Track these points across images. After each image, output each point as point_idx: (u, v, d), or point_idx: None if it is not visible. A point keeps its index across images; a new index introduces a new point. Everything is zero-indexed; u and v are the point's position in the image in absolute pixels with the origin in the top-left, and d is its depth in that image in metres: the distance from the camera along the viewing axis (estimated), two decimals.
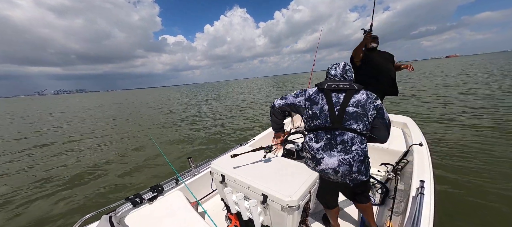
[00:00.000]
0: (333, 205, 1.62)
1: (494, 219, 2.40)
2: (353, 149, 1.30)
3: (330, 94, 1.38)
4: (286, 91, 23.74)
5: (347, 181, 1.35)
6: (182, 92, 37.91)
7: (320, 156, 1.35)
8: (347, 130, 1.31)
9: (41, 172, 5.00)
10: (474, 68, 22.71)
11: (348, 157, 1.30)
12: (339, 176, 1.33)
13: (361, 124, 1.32)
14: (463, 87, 10.89)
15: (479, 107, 6.81)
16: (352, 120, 1.31)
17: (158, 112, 14.53)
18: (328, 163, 1.33)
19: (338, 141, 1.32)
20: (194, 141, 6.62)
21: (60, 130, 10.24)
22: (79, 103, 29.46)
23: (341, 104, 1.35)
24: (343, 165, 1.30)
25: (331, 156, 1.33)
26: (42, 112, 20.78)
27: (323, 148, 1.36)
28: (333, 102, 1.37)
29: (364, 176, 1.35)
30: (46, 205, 3.56)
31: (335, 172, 1.32)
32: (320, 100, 1.41)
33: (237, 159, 1.67)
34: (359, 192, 1.55)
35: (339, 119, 1.33)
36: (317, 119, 1.39)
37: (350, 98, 1.35)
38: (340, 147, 1.32)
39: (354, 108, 1.33)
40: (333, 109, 1.35)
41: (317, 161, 1.37)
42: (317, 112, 1.39)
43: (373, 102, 1.36)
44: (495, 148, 3.94)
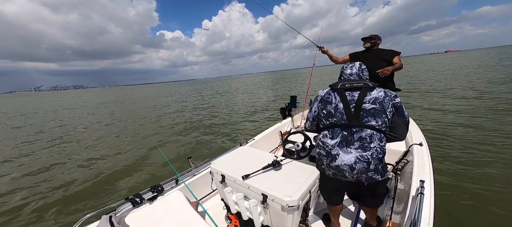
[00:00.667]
0: (338, 202, 1.60)
1: (494, 219, 2.41)
2: (371, 146, 1.25)
3: (344, 93, 1.37)
4: (286, 86, 23.72)
5: (363, 179, 1.29)
6: (181, 89, 37.92)
7: (335, 152, 1.31)
8: (365, 127, 1.28)
9: (41, 172, 5.00)
10: (475, 63, 22.76)
11: (366, 154, 1.25)
12: (355, 174, 1.27)
13: (379, 120, 1.28)
14: (463, 85, 10.89)
15: (479, 107, 6.81)
16: (370, 116, 1.28)
17: (157, 110, 14.54)
18: (344, 160, 1.28)
19: (356, 138, 1.28)
20: (194, 141, 6.62)
21: (60, 129, 10.25)
22: (76, 100, 29.45)
23: (357, 102, 1.32)
24: (360, 162, 1.25)
25: (347, 153, 1.28)
26: (40, 109, 20.79)
27: (338, 145, 1.31)
28: (348, 100, 1.35)
29: (380, 176, 1.29)
30: (46, 205, 3.56)
31: (351, 169, 1.27)
32: (333, 99, 1.40)
33: (237, 159, 1.67)
34: (374, 194, 1.47)
35: (356, 115, 1.30)
36: (332, 117, 1.36)
37: (365, 95, 1.32)
38: (357, 144, 1.27)
39: (371, 105, 1.29)
40: (348, 106, 1.33)
41: (332, 158, 1.32)
42: (332, 110, 1.37)
43: (391, 100, 1.33)
44: (495, 148, 3.94)
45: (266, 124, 7.71)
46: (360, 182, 1.31)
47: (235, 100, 16.66)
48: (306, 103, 4.03)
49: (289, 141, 2.45)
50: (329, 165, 1.34)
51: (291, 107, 3.82)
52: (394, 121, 1.34)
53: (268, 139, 3.25)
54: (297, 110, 3.92)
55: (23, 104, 32.53)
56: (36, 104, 30.50)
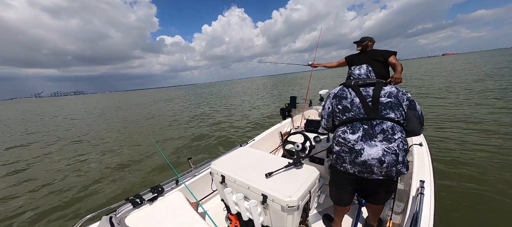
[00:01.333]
0: (348, 203, 1.59)
1: (494, 219, 2.40)
2: (396, 138, 1.23)
3: (358, 89, 1.39)
4: (286, 89, 23.79)
5: (393, 173, 1.23)
6: (179, 93, 38.04)
7: (359, 147, 1.25)
8: (385, 119, 1.27)
9: (41, 173, 5.00)
10: (472, 65, 22.77)
11: (393, 146, 1.21)
12: (385, 168, 1.21)
13: (398, 113, 1.28)
14: (462, 85, 10.89)
15: (480, 106, 6.81)
16: (388, 109, 1.29)
17: (158, 113, 14.54)
18: (370, 154, 1.22)
19: (378, 130, 1.25)
20: (194, 141, 6.62)
21: (60, 132, 10.25)
22: (77, 105, 29.48)
23: (373, 96, 1.33)
24: (388, 155, 1.20)
25: (372, 146, 1.23)
26: (45, 114, 20.81)
27: (361, 138, 1.27)
28: (363, 95, 1.35)
29: (406, 168, 1.25)
30: (47, 206, 3.56)
31: (380, 163, 1.20)
32: (348, 94, 1.40)
33: (237, 160, 1.67)
34: (389, 189, 1.45)
35: (374, 109, 1.29)
36: (348, 112, 1.35)
37: (380, 90, 1.35)
38: (381, 136, 1.24)
39: (387, 98, 1.32)
40: (365, 101, 1.33)
41: (357, 153, 1.26)
42: (348, 105, 1.36)
43: (404, 94, 1.36)
44: (495, 148, 3.94)
45: (266, 124, 7.71)
46: (390, 177, 1.26)
47: (235, 102, 16.67)
48: (306, 104, 4.03)
49: (289, 141, 2.45)
50: (354, 161, 1.27)
51: (291, 108, 3.82)
52: (408, 115, 1.34)
53: (268, 139, 3.25)
54: (297, 110, 3.92)
55: (27, 110, 32.67)
56: (41, 109, 30.53)
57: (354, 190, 1.53)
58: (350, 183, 1.46)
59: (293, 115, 3.84)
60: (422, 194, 1.39)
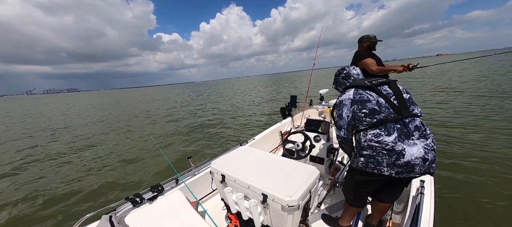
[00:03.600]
0: (363, 204, 1.59)
1: (494, 219, 2.41)
2: (429, 133, 1.22)
3: (377, 88, 1.34)
4: (285, 88, 23.77)
5: (432, 170, 1.21)
6: (177, 91, 38.02)
7: (400, 148, 1.18)
8: (414, 116, 1.25)
9: (41, 172, 5.00)
10: (469, 66, 22.77)
11: (430, 142, 1.19)
12: (427, 165, 1.18)
13: (418, 108, 1.30)
14: (462, 85, 10.88)
15: (480, 106, 6.80)
16: (412, 105, 1.29)
17: (157, 112, 14.54)
18: (413, 153, 1.17)
19: (412, 128, 1.23)
20: (194, 141, 6.62)
21: (59, 131, 10.25)
22: (71, 102, 29.55)
23: (395, 93, 1.31)
24: (430, 152, 1.17)
25: (411, 145, 1.18)
26: (33, 113, 20.81)
27: (398, 139, 1.21)
28: (385, 94, 1.32)
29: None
30: (46, 205, 3.56)
31: (424, 161, 1.16)
32: (370, 96, 1.33)
33: (237, 159, 1.67)
34: (403, 188, 1.45)
35: (403, 106, 1.27)
36: (379, 113, 1.27)
37: (397, 86, 1.35)
38: (417, 134, 1.21)
39: (407, 94, 1.33)
40: (391, 100, 1.29)
41: (398, 154, 1.18)
42: (376, 107, 1.29)
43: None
44: (495, 147, 3.94)
45: (266, 124, 7.70)
46: (430, 174, 1.24)
47: (235, 101, 16.67)
48: (306, 103, 4.03)
49: (289, 141, 2.45)
50: (395, 163, 1.20)
51: (291, 107, 3.82)
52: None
53: (268, 139, 3.25)
54: (297, 110, 3.92)
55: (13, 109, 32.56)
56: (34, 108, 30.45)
57: (371, 190, 1.52)
58: (375, 185, 1.44)
59: (293, 115, 3.83)
60: (422, 194, 1.39)
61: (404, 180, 1.31)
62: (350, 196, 1.60)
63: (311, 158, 2.42)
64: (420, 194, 1.38)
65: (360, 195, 1.54)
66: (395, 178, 1.24)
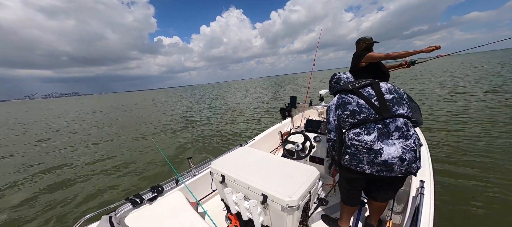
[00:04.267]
0: (358, 202, 1.61)
1: (495, 219, 2.41)
2: (411, 134, 1.22)
3: (359, 91, 1.39)
4: (285, 88, 23.81)
5: (413, 170, 1.21)
6: (178, 95, 37.99)
7: (378, 147, 1.23)
8: (397, 116, 1.26)
9: (41, 173, 5.00)
10: (467, 66, 22.81)
11: (410, 143, 1.21)
12: (406, 165, 1.20)
13: (405, 107, 1.29)
14: (461, 86, 10.90)
15: (480, 106, 6.81)
16: (397, 105, 1.29)
17: (157, 113, 14.53)
18: (390, 153, 1.20)
19: (392, 128, 1.24)
20: (194, 141, 6.62)
21: (58, 132, 10.25)
22: (75, 107, 29.56)
23: (377, 95, 1.33)
24: (408, 152, 1.19)
25: (390, 145, 1.22)
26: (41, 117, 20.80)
27: (378, 138, 1.24)
28: (366, 95, 1.36)
29: (420, 163, 1.25)
30: (46, 205, 3.56)
31: (402, 161, 1.19)
32: (350, 99, 1.38)
33: (237, 160, 1.67)
34: (397, 187, 1.44)
35: (384, 107, 1.29)
36: (358, 114, 1.32)
37: (379, 87, 1.36)
38: (397, 134, 1.23)
39: (391, 94, 1.33)
40: (371, 101, 1.32)
41: (376, 153, 1.23)
42: (356, 108, 1.34)
43: (400, 88, 1.38)
44: (495, 147, 3.94)
45: (266, 124, 7.70)
46: (411, 174, 1.25)
47: (235, 103, 16.67)
48: (306, 103, 4.03)
49: (289, 141, 2.45)
50: (373, 161, 1.24)
51: (291, 108, 3.82)
52: (412, 107, 1.36)
53: (268, 139, 3.24)
54: (297, 110, 3.92)
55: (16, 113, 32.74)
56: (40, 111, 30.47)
57: (361, 189, 1.54)
58: (362, 183, 1.48)
59: (293, 115, 3.83)
60: (422, 194, 1.39)
61: (392, 179, 1.32)
62: (344, 195, 1.64)
63: (311, 159, 2.42)
64: (420, 195, 1.38)
65: (352, 193, 1.57)
66: (377, 176, 1.28)
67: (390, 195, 1.51)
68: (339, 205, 2.10)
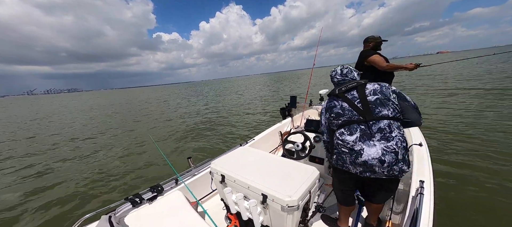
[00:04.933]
0: (353, 202, 1.62)
1: (495, 219, 2.41)
2: (394, 136, 1.22)
3: (344, 95, 1.43)
4: (285, 85, 23.80)
5: (396, 172, 1.21)
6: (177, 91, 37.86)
7: (359, 148, 1.26)
8: (380, 118, 1.27)
9: (41, 173, 5.00)
10: (468, 64, 22.74)
11: (391, 144, 1.21)
12: (386, 167, 1.20)
13: (390, 109, 1.28)
14: (461, 85, 10.89)
15: (480, 106, 6.81)
16: (380, 107, 1.29)
17: (157, 112, 14.53)
18: (370, 154, 1.22)
19: (375, 130, 1.26)
20: (194, 141, 6.61)
21: (57, 131, 10.24)
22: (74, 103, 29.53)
23: (360, 97, 1.35)
24: (388, 154, 1.19)
25: (371, 146, 1.23)
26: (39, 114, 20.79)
27: (359, 139, 1.27)
28: (349, 98, 1.39)
29: (407, 166, 1.24)
30: (45, 205, 3.55)
31: (381, 163, 1.20)
32: (335, 102, 1.45)
33: (236, 159, 1.67)
34: (391, 188, 1.43)
35: (366, 109, 1.30)
36: (342, 116, 1.37)
37: (364, 90, 1.38)
38: (378, 136, 1.24)
39: (374, 96, 1.34)
40: (354, 104, 1.36)
41: (357, 154, 1.26)
42: (339, 111, 1.39)
43: (388, 88, 1.38)
44: (495, 147, 3.94)
45: (266, 124, 7.70)
46: (394, 176, 1.24)
47: (234, 101, 16.67)
48: (306, 103, 4.02)
49: (289, 141, 2.45)
50: (355, 162, 1.28)
51: (291, 107, 3.82)
52: (402, 106, 1.35)
53: (268, 139, 3.24)
54: (297, 110, 3.92)
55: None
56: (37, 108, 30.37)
57: (357, 189, 1.56)
58: (353, 183, 1.49)
59: (293, 115, 3.83)
60: (422, 194, 1.39)
61: (379, 181, 1.32)
62: (338, 195, 1.66)
63: (311, 159, 2.42)
64: (420, 195, 1.38)
65: (345, 193, 1.59)
66: (362, 177, 1.32)
67: (384, 197, 1.49)
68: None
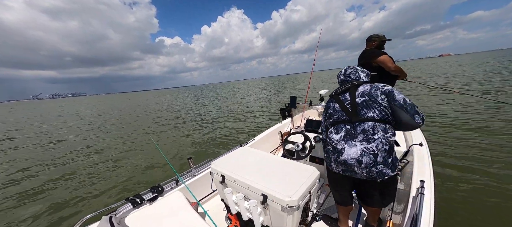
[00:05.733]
0: (348, 202, 1.61)
1: (494, 219, 2.40)
2: (375, 138, 1.25)
3: (338, 97, 1.50)
4: (286, 88, 23.88)
5: (374, 174, 1.24)
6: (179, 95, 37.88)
7: (341, 147, 1.34)
8: (365, 120, 1.30)
9: (41, 173, 5.01)
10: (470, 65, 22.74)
11: (371, 146, 1.24)
12: (363, 168, 1.25)
13: (376, 111, 1.29)
14: (461, 86, 10.88)
15: (481, 105, 6.80)
16: (365, 109, 1.32)
17: (158, 113, 14.54)
18: (349, 153, 1.29)
19: (359, 130, 1.31)
20: (194, 141, 6.62)
21: (59, 132, 10.25)
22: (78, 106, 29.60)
23: (350, 99, 1.42)
24: (366, 155, 1.24)
25: (351, 146, 1.29)
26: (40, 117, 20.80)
27: (343, 138, 1.35)
28: (342, 100, 1.47)
29: (390, 170, 1.25)
30: (47, 205, 3.56)
31: (359, 163, 1.25)
32: (330, 104, 1.55)
33: (237, 160, 1.67)
34: (384, 193, 1.40)
35: (353, 111, 1.36)
36: (332, 116, 1.48)
37: (355, 92, 1.42)
38: (361, 137, 1.29)
39: (361, 98, 1.37)
40: (344, 105, 1.43)
41: (338, 153, 1.35)
42: (331, 111, 1.50)
43: (378, 89, 1.35)
44: (496, 147, 3.94)
45: (266, 124, 7.70)
46: (373, 178, 1.26)
47: (235, 102, 16.67)
48: (306, 103, 4.02)
49: (289, 141, 2.45)
50: (337, 160, 1.36)
51: (291, 108, 3.82)
52: (392, 108, 1.30)
53: (268, 139, 3.24)
54: (297, 110, 3.92)
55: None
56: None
57: (347, 189, 1.55)
58: (344, 183, 1.49)
59: (293, 115, 3.83)
60: (422, 194, 1.39)
61: (363, 182, 1.35)
62: (333, 194, 1.68)
63: (311, 159, 2.42)
64: (420, 194, 1.38)
65: (339, 192, 1.60)
66: (343, 175, 1.39)
67: (377, 202, 1.45)
68: None
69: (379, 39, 2.52)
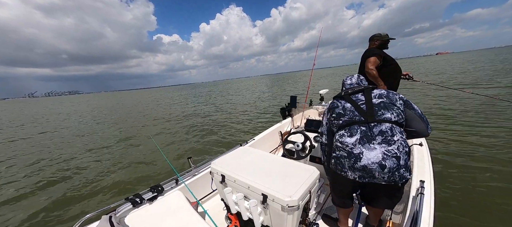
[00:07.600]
0: (350, 204, 1.59)
1: (494, 219, 2.40)
2: (396, 139, 1.16)
3: (349, 97, 1.41)
4: (285, 86, 23.86)
5: (397, 178, 1.14)
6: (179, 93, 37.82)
7: (358, 151, 1.20)
8: (382, 121, 1.22)
9: (41, 173, 5.00)
10: (468, 63, 22.71)
11: (393, 148, 1.14)
12: (386, 173, 1.13)
13: (394, 113, 1.24)
14: (460, 85, 10.88)
15: (481, 105, 6.80)
16: (383, 109, 1.25)
17: (157, 113, 14.53)
18: (370, 158, 1.16)
19: (376, 132, 1.20)
20: (194, 141, 6.62)
21: (58, 130, 10.25)
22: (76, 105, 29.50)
23: (365, 100, 1.34)
24: (389, 158, 1.13)
25: (371, 149, 1.17)
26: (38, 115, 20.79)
27: (359, 142, 1.21)
28: (354, 100, 1.37)
29: (409, 173, 1.17)
30: (46, 205, 3.56)
31: (381, 168, 1.13)
32: (338, 103, 1.43)
33: (237, 159, 1.67)
34: (394, 195, 1.35)
35: (370, 112, 1.26)
36: (343, 116, 1.34)
37: (370, 93, 1.36)
38: (379, 139, 1.18)
39: (379, 99, 1.31)
40: (358, 105, 1.33)
41: (356, 158, 1.19)
42: (341, 111, 1.37)
43: (395, 94, 1.35)
44: (496, 148, 3.94)
45: (266, 124, 7.70)
46: (394, 182, 1.16)
47: (234, 102, 16.67)
48: (306, 103, 4.02)
49: (289, 141, 2.45)
50: (354, 167, 1.21)
51: (291, 107, 3.82)
52: (408, 114, 1.31)
53: (268, 139, 3.24)
54: (297, 110, 3.92)
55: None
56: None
57: (354, 192, 1.53)
58: (351, 187, 1.45)
59: (293, 115, 3.83)
60: (422, 194, 1.39)
61: (377, 186, 1.24)
62: (334, 198, 1.63)
63: (311, 159, 2.42)
64: (420, 195, 1.38)
65: (342, 197, 1.56)
66: (360, 182, 1.25)
67: (385, 203, 1.42)
68: None
69: (381, 38, 2.47)
